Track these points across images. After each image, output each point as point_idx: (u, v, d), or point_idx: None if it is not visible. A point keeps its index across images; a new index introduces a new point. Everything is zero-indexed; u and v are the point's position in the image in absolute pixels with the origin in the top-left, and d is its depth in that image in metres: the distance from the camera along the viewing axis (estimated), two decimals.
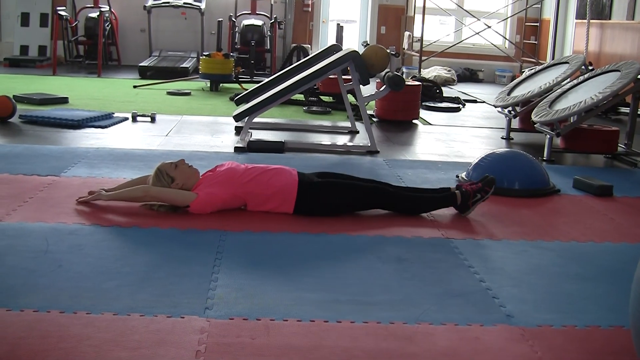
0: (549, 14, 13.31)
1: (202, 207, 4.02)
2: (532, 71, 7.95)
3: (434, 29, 14.31)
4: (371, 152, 6.20)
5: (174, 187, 4.05)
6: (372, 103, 8.44)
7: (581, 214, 4.59)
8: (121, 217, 3.94)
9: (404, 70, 13.01)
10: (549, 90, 6.99)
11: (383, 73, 6.60)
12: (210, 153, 5.70)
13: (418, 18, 12.89)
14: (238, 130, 6.73)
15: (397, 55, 6.55)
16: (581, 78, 6.91)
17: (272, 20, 12.80)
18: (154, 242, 3.60)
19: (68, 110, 7.27)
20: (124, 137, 6.33)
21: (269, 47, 12.89)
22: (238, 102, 7.35)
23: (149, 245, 3.55)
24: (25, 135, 6.20)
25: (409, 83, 8.20)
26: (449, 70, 13.15)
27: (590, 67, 7.30)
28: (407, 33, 14.01)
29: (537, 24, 14.18)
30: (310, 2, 13.94)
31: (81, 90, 9.36)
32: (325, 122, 7.78)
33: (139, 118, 7.25)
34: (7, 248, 3.37)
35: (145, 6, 12.76)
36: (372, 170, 5.50)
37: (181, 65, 11.95)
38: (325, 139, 6.84)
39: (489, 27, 13.11)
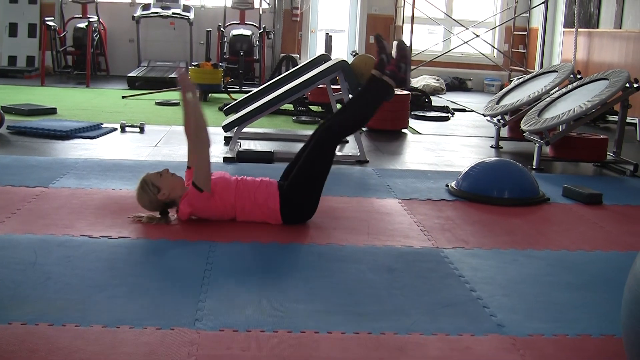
0: (537, 22, 13.36)
1: (201, 204, 4.01)
2: (521, 80, 7.97)
3: (422, 38, 14.34)
4: (360, 161, 6.19)
5: (161, 197, 4.02)
6: None
7: (571, 223, 4.59)
8: (110, 229, 3.92)
9: None
10: (537, 99, 7.00)
11: None
12: None
13: (407, 27, 12.91)
14: (227, 141, 6.72)
15: None
16: (570, 87, 6.93)
17: (261, 30, 12.82)
18: (144, 253, 3.59)
19: (56, 121, 7.24)
20: (113, 147, 6.32)
21: (257, 57, 12.90)
22: (227, 112, 7.34)
23: (138, 256, 3.53)
24: (14, 146, 6.17)
25: (398, 92, 8.21)
26: (437, 79, 13.18)
27: (578, 76, 7.33)
28: (395, 42, 14.01)
29: (526, 33, 14.22)
30: (299, 12, 13.96)
31: (70, 101, 9.34)
32: None
33: (127, 128, 7.24)
34: None
35: (133, 16, 12.74)
36: (361, 179, 5.50)
37: (170, 76, 11.92)
38: None
39: (478, 36, 13.15)
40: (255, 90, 7.58)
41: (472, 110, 10.57)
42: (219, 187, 4.07)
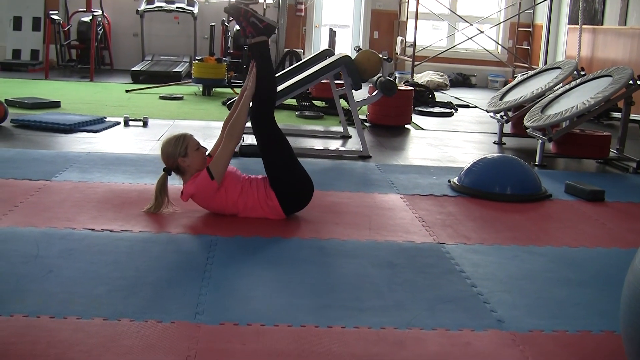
0: (541, 19, 13.34)
1: (207, 191, 4.02)
2: (525, 76, 7.96)
3: (426, 34, 14.33)
4: (363, 156, 6.20)
5: (181, 162, 4.04)
6: (365, 108, 8.45)
7: (573, 219, 4.59)
8: (113, 222, 3.93)
9: (397, 75, 13.02)
10: (541, 95, 7.00)
11: (375, 78, 6.60)
12: None
13: (411, 23, 12.91)
14: None
15: (389, 60, 6.56)
16: (573, 83, 6.92)
17: None
18: (145, 247, 3.59)
19: (60, 115, 7.25)
20: (116, 141, 6.32)
21: None
22: (230, 107, 7.33)
23: (140, 250, 3.54)
24: (17, 139, 6.18)
25: (402, 88, 8.21)
26: (441, 75, 13.16)
27: (582, 73, 7.32)
28: (399, 38, 14.02)
29: (530, 29, 14.20)
30: (303, 7, 13.95)
31: (73, 95, 9.35)
32: (318, 127, 7.78)
33: (131, 122, 7.24)
34: None
35: (138, 10, 12.74)
36: (364, 175, 5.50)
37: (174, 70, 11.95)
38: (317, 144, 6.83)
39: (482, 32, 13.13)
40: None
41: (476, 106, 10.56)
42: (228, 181, 4.07)
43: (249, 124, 4.24)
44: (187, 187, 4.06)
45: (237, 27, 3.50)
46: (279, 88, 6.54)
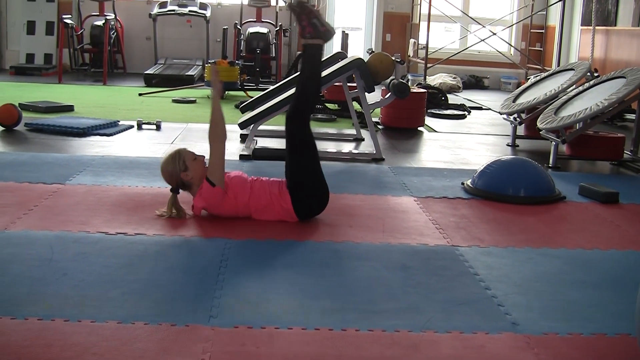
0: (554, 20, 13.30)
1: (214, 200, 4.03)
2: (538, 78, 7.94)
3: (439, 36, 14.30)
4: (376, 159, 6.19)
5: (184, 176, 4.05)
6: (378, 110, 8.44)
7: (587, 221, 4.57)
8: (126, 225, 3.94)
9: (409, 77, 12.99)
10: (554, 97, 6.97)
11: (388, 80, 6.60)
12: None
13: (423, 25, 12.89)
14: (243, 138, 6.74)
15: (402, 63, 6.55)
16: (587, 85, 6.90)
17: (278, 28, 12.82)
18: (159, 250, 3.60)
19: (73, 118, 7.28)
20: (130, 145, 6.34)
21: (274, 55, 12.89)
22: (243, 110, 7.35)
23: (153, 253, 3.55)
24: (31, 143, 6.21)
25: (414, 90, 8.20)
26: (454, 78, 13.14)
27: (595, 74, 7.29)
28: (412, 40, 14.01)
29: (543, 31, 14.16)
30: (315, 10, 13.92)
31: (87, 98, 9.38)
32: (331, 130, 7.78)
33: (144, 126, 7.26)
34: (12, 256, 3.37)
35: (150, 14, 12.77)
36: (377, 177, 5.50)
37: (186, 73, 11.96)
38: (330, 147, 6.83)
39: (495, 34, 13.10)
40: (272, 87, 7.57)
41: (489, 109, 10.53)
42: (234, 184, 4.09)
43: (263, 127, 4.23)
44: (196, 202, 4.08)
45: (251, 29, 3.45)
46: (292, 91, 6.55)
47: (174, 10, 12.84)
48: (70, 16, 12.44)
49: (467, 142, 7.52)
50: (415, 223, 4.30)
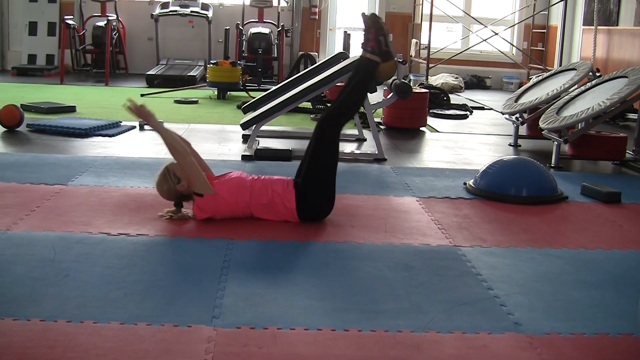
0: (556, 20, 13.28)
1: (210, 207, 4.03)
2: (540, 78, 7.93)
3: (441, 36, 14.30)
4: (379, 159, 6.19)
5: (180, 188, 4.06)
6: (380, 111, 8.43)
7: (589, 221, 4.57)
8: (129, 226, 3.94)
9: (411, 77, 13.00)
10: (556, 97, 6.97)
11: (390, 81, 6.60)
12: (218, 161, 5.69)
13: (425, 25, 12.87)
14: (245, 139, 6.73)
15: (404, 63, 6.55)
16: (589, 84, 6.90)
17: (279, 28, 12.81)
18: (161, 250, 3.60)
19: (75, 119, 7.28)
20: (131, 145, 6.34)
21: (276, 55, 12.90)
22: (245, 110, 7.35)
23: (156, 254, 3.55)
24: (33, 144, 6.21)
25: (416, 90, 8.20)
26: (456, 78, 13.13)
27: (597, 74, 7.28)
28: (414, 40, 14.01)
29: (545, 31, 14.15)
30: (317, 10, 13.95)
31: (89, 99, 9.39)
32: None
33: (146, 127, 7.25)
34: (14, 257, 3.37)
35: (152, 15, 12.79)
36: (379, 177, 5.50)
37: (188, 74, 11.97)
38: None
39: (496, 34, 13.10)
40: (274, 88, 7.58)
41: (491, 109, 10.53)
42: (233, 186, 4.08)
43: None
44: (196, 214, 4.09)
45: (253, 30, 3.42)
46: (294, 92, 6.56)
47: (175, 11, 12.86)
48: (72, 17, 12.46)
49: (469, 142, 7.51)
50: (417, 223, 4.30)
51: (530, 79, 9.82)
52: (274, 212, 4.12)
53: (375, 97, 7.87)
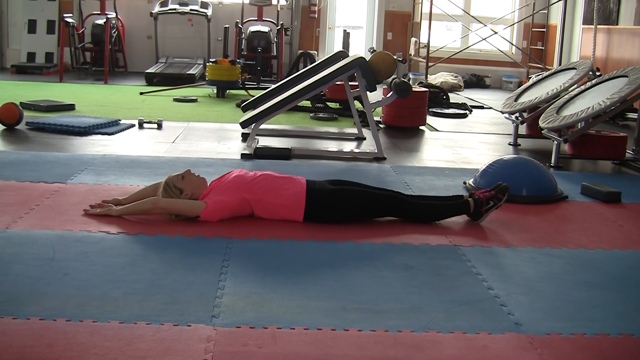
0: (556, 19, 13.28)
1: (212, 215, 4.02)
2: (540, 77, 7.93)
3: (440, 35, 14.30)
4: (378, 158, 6.18)
5: (183, 197, 4.05)
6: (379, 109, 8.43)
7: (589, 221, 4.57)
8: (128, 224, 3.93)
9: (411, 76, 13.01)
10: (556, 96, 6.97)
11: (390, 79, 6.59)
12: (217, 160, 5.69)
13: (424, 24, 12.87)
14: (245, 137, 6.73)
15: (403, 62, 6.54)
16: (589, 84, 6.89)
17: (279, 27, 12.80)
18: (161, 249, 3.59)
19: (75, 117, 7.27)
20: (131, 144, 6.33)
21: (275, 54, 12.89)
22: (245, 109, 7.35)
23: (155, 253, 3.54)
24: (32, 142, 6.20)
25: (416, 89, 8.19)
26: (455, 76, 13.12)
27: (597, 73, 7.28)
28: (413, 39, 14.00)
29: (544, 30, 14.15)
30: (316, 9, 13.94)
31: (88, 97, 9.38)
32: (332, 129, 7.77)
33: (145, 125, 7.25)
34: (13, 256, 3.37)
35: (151, 13, 12.78)
36: (379, 176, 5.49)
37: (188, 72, 11.97)
38: (332, 146, 6.83)
39: (496, 32, 13.09)
40: (273, 86, 7.58)
41: (490, 108, 10.52)
42: (232, 186, 4.08)
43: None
44: (207, 219, 4.07)
45: (252, 28, 3.38)
46: (294, 90, 6.55)
47: (175, 9, 12.85)
48: (71, 15, 12.44)
49: (468, 141, 7.51)
50: (421, 223, 4.29)
51: (530, 78, 9.82)
52: (277, 210, 4.10)
53: (374, 95, 7.86)
